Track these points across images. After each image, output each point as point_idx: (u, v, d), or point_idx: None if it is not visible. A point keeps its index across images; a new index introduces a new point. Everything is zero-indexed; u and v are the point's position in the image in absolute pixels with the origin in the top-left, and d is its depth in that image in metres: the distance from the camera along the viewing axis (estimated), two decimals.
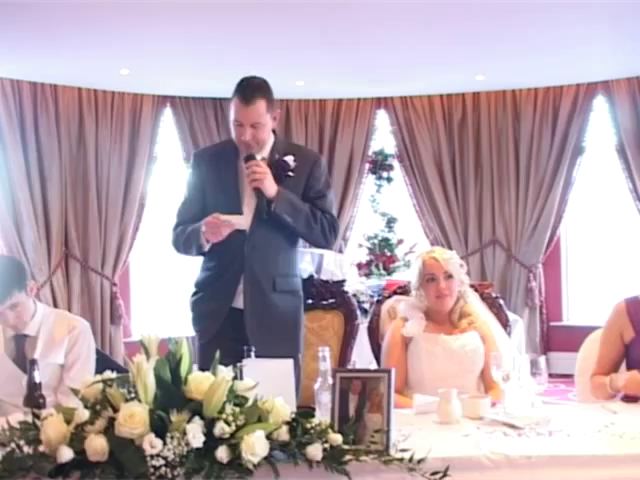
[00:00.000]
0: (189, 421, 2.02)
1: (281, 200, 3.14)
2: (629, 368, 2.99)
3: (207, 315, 3.25)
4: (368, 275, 7.68)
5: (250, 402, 2.11)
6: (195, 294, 3.35)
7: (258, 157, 3.21)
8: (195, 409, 2.05)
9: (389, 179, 8.15)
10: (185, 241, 3.26)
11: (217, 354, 2.20)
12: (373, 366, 3.66)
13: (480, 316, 3.33)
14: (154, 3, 5.07)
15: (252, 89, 3.18)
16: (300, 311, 3.36)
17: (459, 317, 3.29)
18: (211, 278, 3.28)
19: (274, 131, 3.31)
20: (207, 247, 3.20)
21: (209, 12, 5.29)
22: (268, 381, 2.19)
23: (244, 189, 3.23)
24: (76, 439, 2.03)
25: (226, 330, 3.15)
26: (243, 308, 3.22)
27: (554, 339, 7.82)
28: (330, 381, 2.32)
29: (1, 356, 3.11)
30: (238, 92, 3.19)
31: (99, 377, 2.15)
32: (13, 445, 2.06)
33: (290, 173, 3.20)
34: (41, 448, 2.05)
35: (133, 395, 2.07)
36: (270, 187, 3.13)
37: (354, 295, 4.67)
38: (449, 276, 3.25)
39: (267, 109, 3.19)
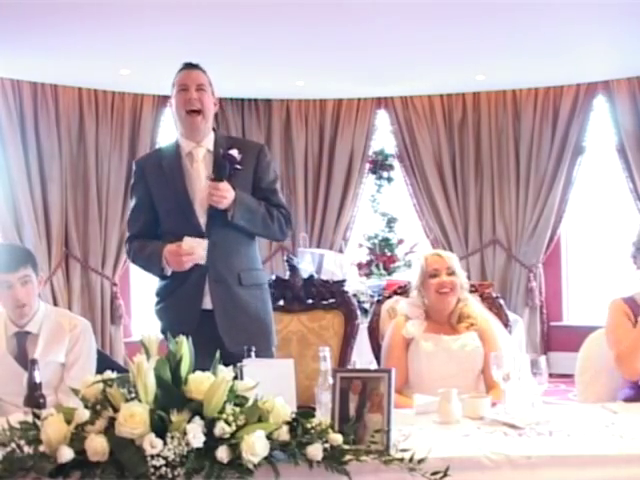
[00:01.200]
0: (189, 421, 2.02)
1: (238, 208, 3.11)
2: None
3: (178, 321, 3.13)
4: (368, 275, 7.68)
5: (250, 402, 2.11)
6: (159, 303, 3.30)
7: (201, 152, 3.21)
8: (195, 409, 2.05)
9: (389, 179, 8.15)
10: (146, 262, 3.24)
11: (218, 354, 2.20)
12: (373, 366, 3.66)
13: (481, 315, 3.33)
14: (154, 3, 5.08)
15: (194, 64, 3.27)
16: (269, 305, 3.32)
17: (458, 320, 3.29)
18: (174, 284, 3.21)
19: (214, 129, 3.31)
20: (169, 272, 3.15)
21: (209, 12, 5.29)
22: (268, 381, 2.19)
23: (193, 189, 3.19)
24: (76, 439, 2.03)
25: (200, 331, 3.05)
26: (212, 308, 3.17)
27: (554, 339, 7.82)
28: (330, 381, 2.32)
29: (2, 355, 3.11)
30: (180, 68, 3.28)
31: (99, 377, 2.15)
32: (13, 445, 2.06)
33: (238, 166, 3.15)
34: (41, 448, 2.05)
35: (133, 395, 2.07)
36: (229, 201, 3.09)
37: (354, 295, 4.66)
38: (451, 272, 3.26)
39: (209, 83, 3.24)
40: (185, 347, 2.15)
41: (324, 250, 7.15)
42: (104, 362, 3.19)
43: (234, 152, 3.15)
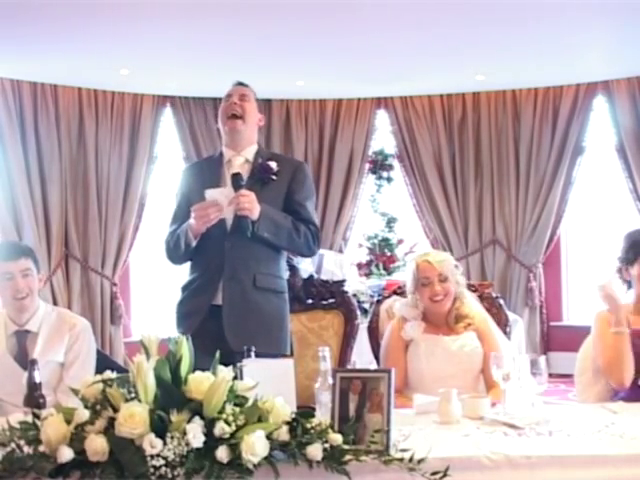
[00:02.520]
0: (189, 421, 2.02)
1: (263, 220, 3.14)
2: None
3: (189, 313, 3.25)
4: (368, 275, 7.68)
5: (250, 402, 2.11)
6: (180, 297, 3.36)
7: (239, 160, 3.29)
8: (195, 409, 2.05)
9: (389, 179, 8.15)
10: (175, 244, 3.26)
11: (218, 354, 2.20)
12: (373, 366, 3.66)
13: (478, 314, 3.33)
14: (154, 3, 5.08)
15: (244, 84, 3.41)
16: (285, 313, 3.32)
17: (455, 320, 3.28)
18: (193, 278, 3.30)
19: (259, 143, 3.40)
20: (195, 242, 3.19)
21: (209, 12, 5.29)
22: (268, 381, 2.19)
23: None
24: (76, 439, 2.03)
25: (207, 327, 3.13)
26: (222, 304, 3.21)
27: (554, 339, 7.82)
28: (330, 381, 2.32)
29: (2, 354, 3.11)
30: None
31: (99, 377, 2.15)
32: (13, 445, 2.06)
33: (273, 177, 3.23)
34: (41, 448, 2.05)
35: (133, 395, 2.07)
36: (255, 211, 3.13)
37: (354, 295, 4.67)
38: (444, 279, 3.24)
39: (255, 100, 3.38)
40: (185, 347, 2.15)
41: (324, 250, 7.14)
42: (104, 362, 3.19)
43: (272, 163, 3.26)
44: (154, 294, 7.88)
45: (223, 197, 3.09)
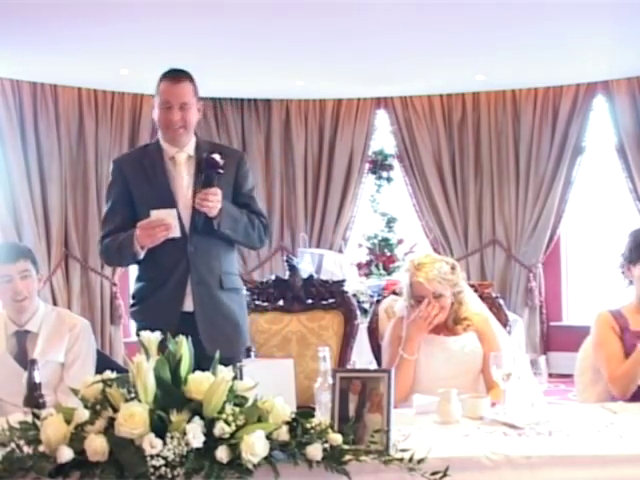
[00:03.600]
0: (189, 421, 2.02)
1: (225, 217, 3.11)
2: None
3: (158, 323, 2.94)
4: (368, 275, 7.68)
5: (250, 402, 2.11)
6: (136, 305, 3.27)
7: (183, 156, 3.21)
8: (195, 409, 2.05)
9: (389, 179, 8.15)
10: (117, 250, 3.17)
11: (217, 354, 2.19)
12: (373, 366, 3.66)
13: (478, 315, 3.32)
14: (154, 3, 5.08)
15: (179, 72, 3.20)
16: (245, 310, 3.33)
17: (454, 322, 3.27)
18: (155, 286, 3.19)
19: (196, 133, 3.30)
20: (142, 254, 3.12)
21: (209, 12, 5.29)
22: (268, 381, 2.19)
23: (177, 192, 3.18)
24: (76, 439, 2.03)
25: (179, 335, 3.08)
26: (193, 310, 3.16)
27: (554, 339, 7.82)
28: (330, 381, 2.32)
29: (2, 355, 3.11)
30: (165, 76, 3.19)
31: (99, 377, 2.15)
32: (13, 445, 2.06)
33: (220, 170, 3.14)
34: (41, 448, 2.05)
35: (133, 395, 2.07)
36: (215, 210, 3.08)
37: (354, 295, 4.65)
38: (438, 295, 3.21)
39: (194, 93, 3.20)
40: (185, 347, 2.15)
41: (324, 250, 7.14)
42: (104, 362, 3.19)
43: (216, 156, 3.14)
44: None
45: (171, 218, 3.04)
